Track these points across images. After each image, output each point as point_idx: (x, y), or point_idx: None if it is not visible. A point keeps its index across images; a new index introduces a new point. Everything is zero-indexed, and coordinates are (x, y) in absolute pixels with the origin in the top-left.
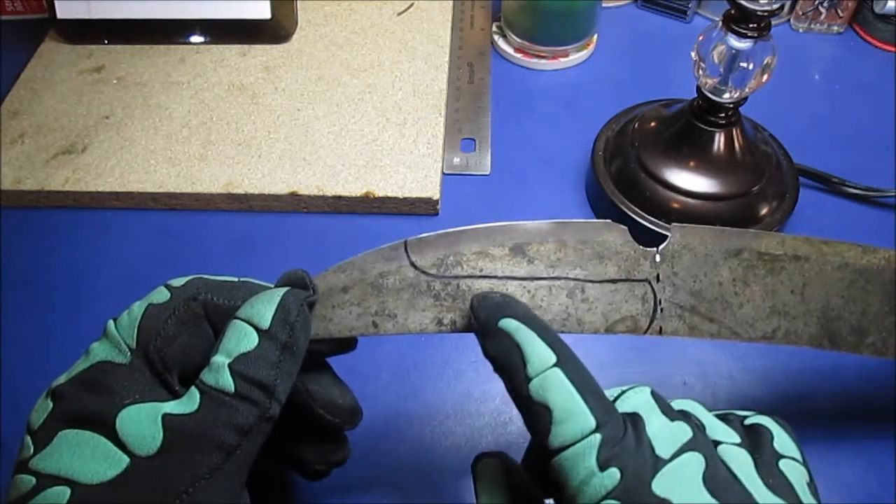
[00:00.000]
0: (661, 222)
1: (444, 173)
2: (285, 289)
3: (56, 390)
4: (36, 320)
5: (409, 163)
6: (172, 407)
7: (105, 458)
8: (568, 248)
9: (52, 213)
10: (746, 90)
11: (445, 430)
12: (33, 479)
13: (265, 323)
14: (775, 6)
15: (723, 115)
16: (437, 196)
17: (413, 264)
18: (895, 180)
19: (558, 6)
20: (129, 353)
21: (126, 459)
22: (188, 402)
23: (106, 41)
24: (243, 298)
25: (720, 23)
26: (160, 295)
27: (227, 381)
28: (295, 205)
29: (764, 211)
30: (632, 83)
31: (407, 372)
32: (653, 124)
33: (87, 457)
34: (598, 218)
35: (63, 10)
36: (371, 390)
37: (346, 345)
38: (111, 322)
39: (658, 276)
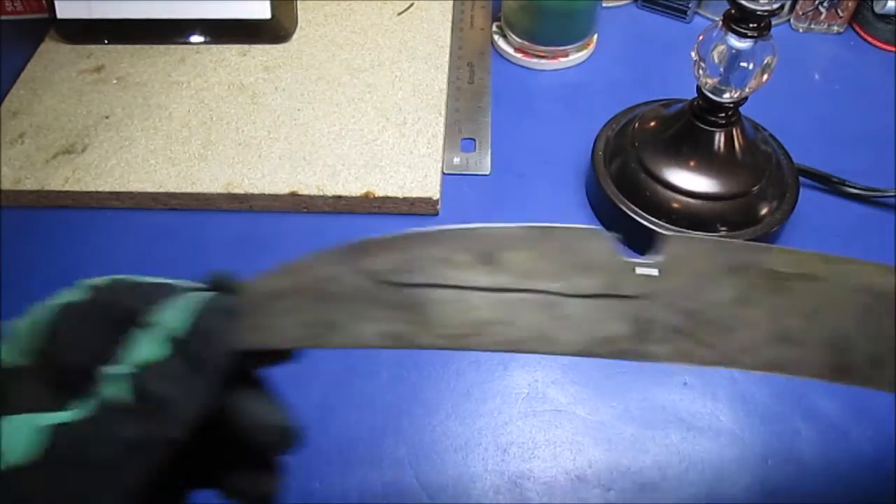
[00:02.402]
0: (661, 222)
1: (444, 173)
2: (205, 294)
3: None
4: None
5: (409, 163)
6: (59, 417)
7: None
8: (545, 256)
9: (52, 213)
10: (746, 90)
11: (445, 429)
12: None
13: (176, 331)
14: (775, 6)
15: (723, 115)
16: (437, 196)
17: (362, 269)
18: (895, 180)
19: (558, 6)
20: (31, 356)
21: None
22: (77, 412)
23: (106, 41)
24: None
25: (720, 23)
26: (72, 294)
27: (123, 393)
28: (295, 205)
29: (764, 211)
30: (632, 83)
31: (407, 372)
32: (653, 124)
33: None
34: (598, 218)
35: (63, 10)
36: (371, 390)
37: (281, 356)
38: (20, 320)
39: (648, 292)
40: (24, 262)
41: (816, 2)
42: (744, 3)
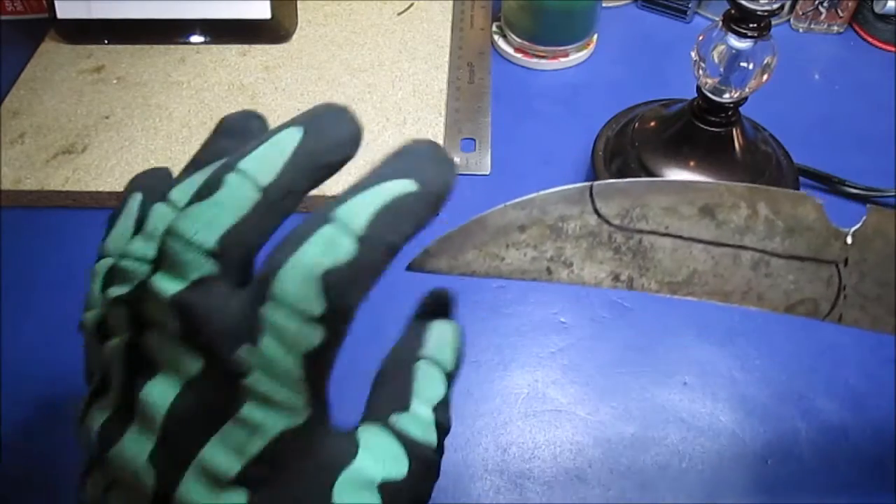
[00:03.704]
0: None
1: None
2: (456, 326)
3: None
4: (36, 320)
5: None
6: (386, 471)
7: None
8: (759, 216)
9: (52, 213)
10: (746, 90)
11: None
12: None
13: (449, 366)
14: (775, 6)
15: (723, 115)
16: None
17: (597, 211)
18: (895, 180)
19: (558, 6)
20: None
21: None
22: (396, 466)
23: (106, 41)
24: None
25: (720, 23)
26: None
27: (433, 437)
28: None
29: None
30: (632, 83)
31: None
32: (653, 124)
33: None
34: None
35: (63, 10)
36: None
37: None
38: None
39: (847, 259)
40: (24, 262)
41: (816, 2)
42: (744, 3)
